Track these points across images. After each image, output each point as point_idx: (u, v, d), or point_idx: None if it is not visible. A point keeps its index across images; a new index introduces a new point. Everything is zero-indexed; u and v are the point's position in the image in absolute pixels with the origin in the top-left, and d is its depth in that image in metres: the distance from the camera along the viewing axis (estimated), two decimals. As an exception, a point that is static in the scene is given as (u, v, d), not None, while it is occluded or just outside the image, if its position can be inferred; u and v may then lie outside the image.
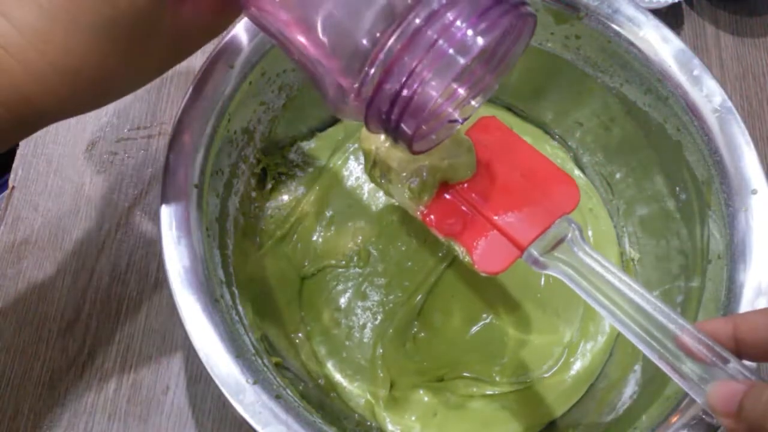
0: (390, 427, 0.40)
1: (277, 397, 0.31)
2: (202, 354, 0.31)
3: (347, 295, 0.43)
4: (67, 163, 0.48)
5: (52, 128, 0.49)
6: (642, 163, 0.44)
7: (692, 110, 0.38)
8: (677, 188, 0.41)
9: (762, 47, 0.56)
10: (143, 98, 0.50)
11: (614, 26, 0.40)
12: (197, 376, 0.43)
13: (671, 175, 0.41)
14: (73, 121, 0.49)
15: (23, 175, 0.48)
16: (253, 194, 0.44)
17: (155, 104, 0.50)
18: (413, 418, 0.40)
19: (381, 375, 0.41)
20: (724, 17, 0.57)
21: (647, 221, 0.45)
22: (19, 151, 0.49)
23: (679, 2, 0.53)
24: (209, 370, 0.31)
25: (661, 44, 0.39)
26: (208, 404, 0.42)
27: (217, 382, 0.31)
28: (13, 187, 0.47)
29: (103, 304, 0.44)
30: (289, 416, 0.31)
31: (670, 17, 0.55)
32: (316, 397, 0.39)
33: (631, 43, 0.39)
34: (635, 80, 0.41)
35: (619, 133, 0.44)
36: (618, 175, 0.47)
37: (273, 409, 0.31)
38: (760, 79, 0.55)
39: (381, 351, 0.42)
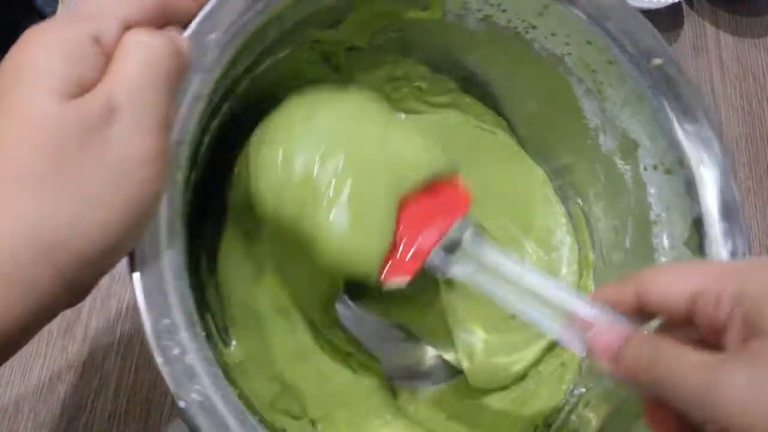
0: None
1: None
2: None
3: None
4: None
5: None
6: None
7: None
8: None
9: (762, 47, 0.56)
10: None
11: None
12: (197, 376, 0.43)
13: None
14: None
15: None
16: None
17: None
18: None
19: None
20: (724, 17, 0.57)
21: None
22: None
23: (679, 2, 0.53)
24: None
25: None
26: (208, 404, 0.42)
27: None
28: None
29: (103, 304, 0.44)
30: None
31: (670, 17, 0.55)
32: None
33: None
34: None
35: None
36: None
37: None
38: (760, 79, 0.55)
39: None
